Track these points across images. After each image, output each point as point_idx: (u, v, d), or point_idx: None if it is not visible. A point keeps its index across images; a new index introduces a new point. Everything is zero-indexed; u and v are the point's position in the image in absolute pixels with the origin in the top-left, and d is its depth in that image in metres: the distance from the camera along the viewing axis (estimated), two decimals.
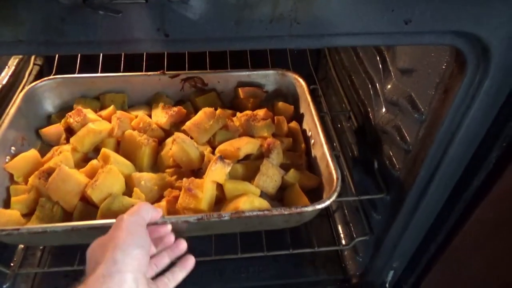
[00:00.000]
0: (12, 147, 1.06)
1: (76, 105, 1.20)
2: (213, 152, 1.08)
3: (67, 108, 1.21)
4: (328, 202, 0.90)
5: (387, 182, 1.00)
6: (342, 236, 1.31)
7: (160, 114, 1.19)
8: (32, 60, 1.37)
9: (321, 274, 1.24)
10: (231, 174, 1.00)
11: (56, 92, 1.22)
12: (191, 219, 0.85)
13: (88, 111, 1.16)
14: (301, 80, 1.24)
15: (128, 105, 1.26)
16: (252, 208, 0.91)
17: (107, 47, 0.58)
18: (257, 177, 1.00)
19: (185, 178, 0.97)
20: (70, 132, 1.14)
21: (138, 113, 1.20)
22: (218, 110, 1.17)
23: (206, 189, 0.94)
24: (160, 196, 1.00)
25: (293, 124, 1.21)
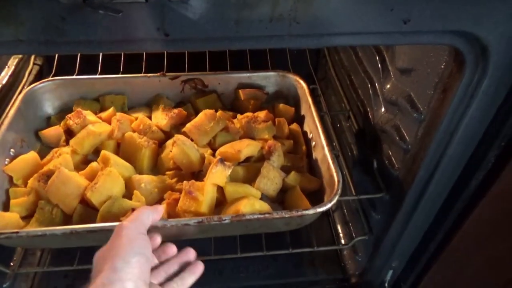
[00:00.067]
0: (11, 149, 1.06)
1: (76, 106, 1.20)
2: (213, 154, 1.08)
3: (67, 110, 1.21)
4: (329, 205, 0.89)
5: (386, 182, 1.00)
6: (341, 235, 1.31)
7: (160, 116, 1.19)
8: (32, 60, 1.37)
9: (320, 274, 1.24)
10: (232, 177, 1.00)
11: (55, 94, 1.21)
12: (192, 222, 0.85)
13: (88, 113, 1.16)
14: (302, 82, 1.24)
15: (128, 106, 1.26)
16: (253, 211, 0.90)
17: (107, 46, 0.58)
18: (257, 179, 1.00)
19: (185, 180, 0.97)
20: (69, 134, 1.13)
21: (138, 115, 1.20)
22: (219, 112, 1.16)
23: (206, 192, 0.93)
24: (160, 199, 1.00)
25: (294, 126, 1.21)
